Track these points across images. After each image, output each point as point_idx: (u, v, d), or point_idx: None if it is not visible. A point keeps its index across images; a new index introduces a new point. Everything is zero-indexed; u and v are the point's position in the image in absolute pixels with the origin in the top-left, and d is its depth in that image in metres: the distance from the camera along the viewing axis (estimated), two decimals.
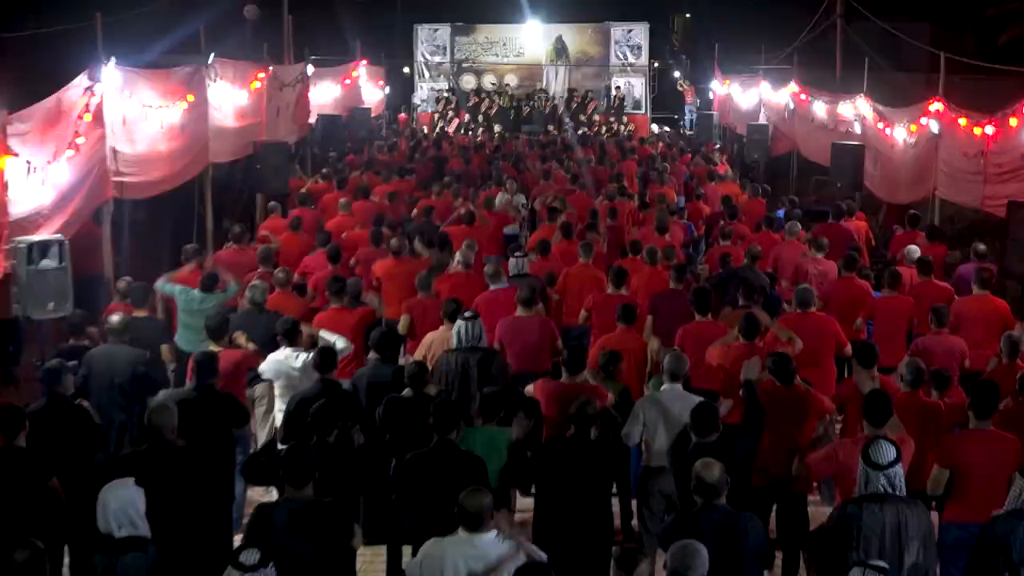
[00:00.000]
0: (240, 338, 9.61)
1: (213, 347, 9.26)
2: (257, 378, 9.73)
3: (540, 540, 7.11)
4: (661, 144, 28.04)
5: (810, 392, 8.55)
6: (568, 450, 7.51)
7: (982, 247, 12.55)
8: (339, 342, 9.47)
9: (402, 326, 10.86)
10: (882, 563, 5.60)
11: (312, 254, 13.05)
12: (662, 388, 8.45)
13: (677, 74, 40.51)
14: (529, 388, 8.91)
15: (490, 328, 9.92)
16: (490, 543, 5.96)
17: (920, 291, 11.36)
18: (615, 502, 8.55)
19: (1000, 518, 6.29)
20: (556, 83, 39.21)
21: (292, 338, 9.52)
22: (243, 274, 12.04)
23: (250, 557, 5.37)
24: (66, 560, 7.73)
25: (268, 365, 9.46)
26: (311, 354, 9.03)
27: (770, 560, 6.65)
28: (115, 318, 9.57)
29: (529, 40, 39.83)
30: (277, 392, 9.51)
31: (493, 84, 38.88)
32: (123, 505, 6.09)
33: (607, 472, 7.61)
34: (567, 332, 11.23)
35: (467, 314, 9.46)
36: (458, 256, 12.24)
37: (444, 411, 7.39)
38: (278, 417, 9.32)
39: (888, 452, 6.30)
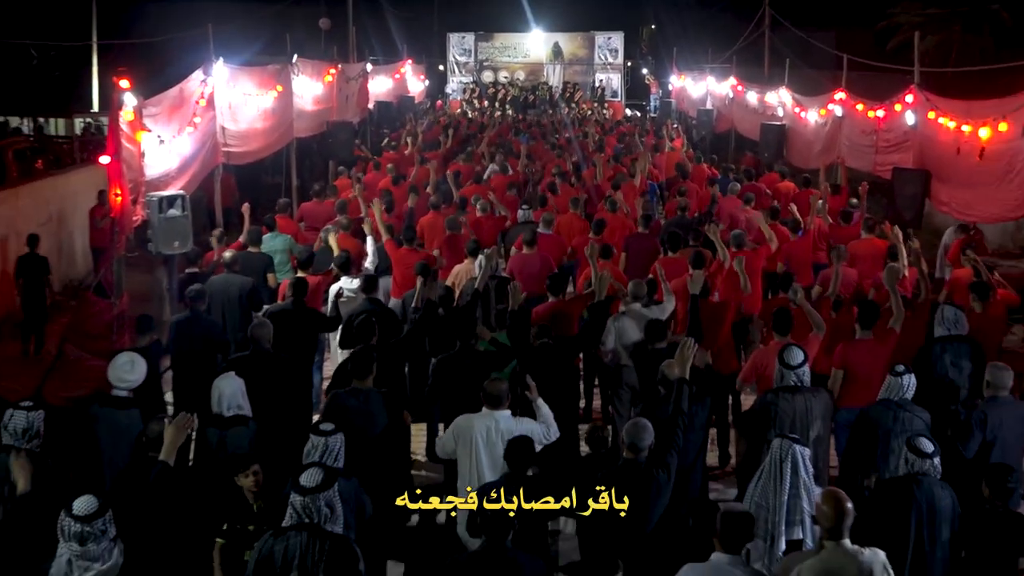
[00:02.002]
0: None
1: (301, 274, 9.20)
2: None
3: None
4: (628, 124, 27.84)
5: (727, 304, 8.64)
6: (541, 352, 7.41)
7: (855, 200, 12.55)
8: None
9: (437, 254, 10.86)
10: (795, 436, 5.64)
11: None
12: (628, 306, 8.43)
13: (645, 71, 40.34)
14: None
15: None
16: (506, 418, 5.98)
17: (835, 234, 11.31)
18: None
19: (874, 405, 6.31)
20: (554, 77, 39.72)
21: (347, 269, 9.49)
22: (322, 222, 11.98)
23: (327, 426, 5.43)
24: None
25: (334, 288, 9.45)
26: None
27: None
28: (227, 254, 9.50)
29: (533, 45, 40.38)
30: (341, 308, 9.49)
31: (506, 78, 39.22)
32: (233, 392, 6.12)
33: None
34: (561, 266, 11.20)
35: (486, 251, 9.41)
36: (478, 204, 12.21)
37: (466, 323, 7.39)
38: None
39: (797, 356, 6.31)
